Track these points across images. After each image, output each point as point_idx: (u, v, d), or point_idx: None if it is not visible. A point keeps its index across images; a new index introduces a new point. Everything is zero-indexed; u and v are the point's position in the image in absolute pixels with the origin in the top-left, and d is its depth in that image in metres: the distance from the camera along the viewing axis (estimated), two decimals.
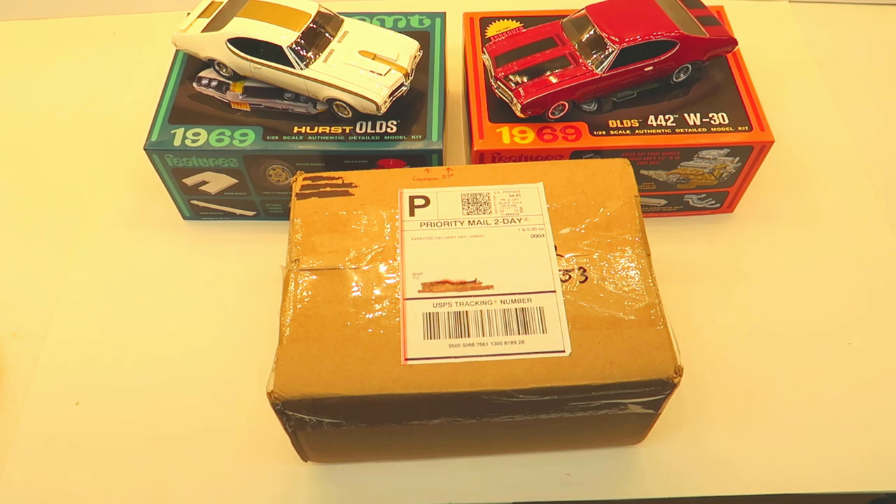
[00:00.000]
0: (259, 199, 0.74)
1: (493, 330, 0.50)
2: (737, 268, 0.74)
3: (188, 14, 0.73)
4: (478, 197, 0.57)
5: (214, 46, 0.70)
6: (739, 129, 0.69)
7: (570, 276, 0.53)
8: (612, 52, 0.67)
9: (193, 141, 0.68)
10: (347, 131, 0.69)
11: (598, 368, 0.49)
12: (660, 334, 0.51)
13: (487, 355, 0.49)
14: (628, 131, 0.69)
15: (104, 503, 0.61)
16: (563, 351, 0.50)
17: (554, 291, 0.52)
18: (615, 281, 0.53)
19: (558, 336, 0.50)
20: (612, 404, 0.52)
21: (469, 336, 0.50)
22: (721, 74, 0.73)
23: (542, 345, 0.50)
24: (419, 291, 0.52)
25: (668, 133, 0.69)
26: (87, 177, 0.81)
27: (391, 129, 0.69)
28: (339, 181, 0.58)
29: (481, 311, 0.51)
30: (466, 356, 0.49)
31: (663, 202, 0.76)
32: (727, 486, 0.61)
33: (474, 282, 0.52)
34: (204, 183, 0.72)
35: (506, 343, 0.50)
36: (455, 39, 0.79)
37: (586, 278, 0.53)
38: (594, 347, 0.50)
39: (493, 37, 0.74)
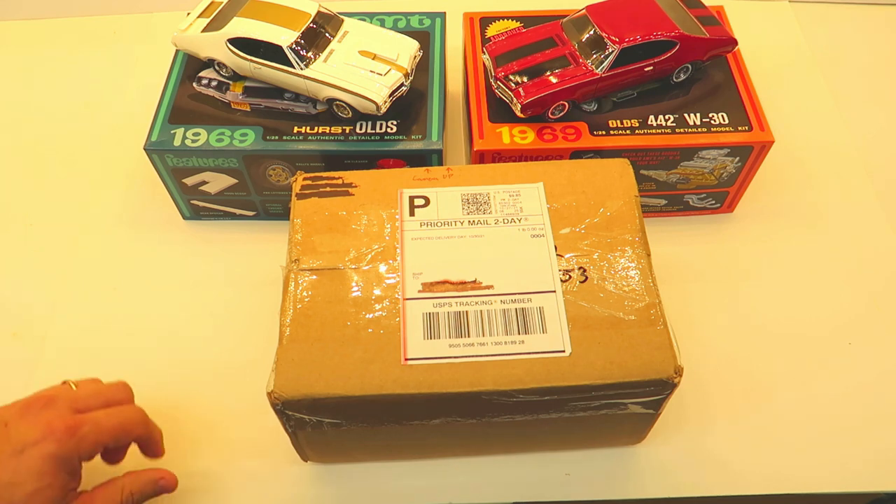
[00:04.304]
0: (259, 199, 0.74)
1: (493, 330, 0.50)
2: (737, 268, 0.74)
3: (188, 14, 0.73)
4: (478, 197, 0.57)
5: (214, 46, 0.70)
6: (739, 129, 0.69)
7: (570, 276, 0.53)
8: (612, 52, 0.67)
9: (193, 141, 0.68)
10: (347, 131, 0.69)
11: (598, 368, 0.49)
12: (660, 334, 0.51)
13: (487, 355, 0.49)
14: (628, 131, 0.69)
15: None
16: (563, 351, 0.50)
17: (554, 291, 0.52)
18: (615, 281, 0.53)
19: (558, 336, 0.50)
20: (612, 404, 0.52)
21: (469, 336, 0.50)
22: (721, 74, 0.73)
23: (542, 345, 0.50)
24: (419, 291, 0.52)
25: (668, 133, 0.69)
26: (87, 177, 0.81)
27: (391, 129, 0.69)
28: (339, 181, 0.58)
29: (481, 311, 0.51)
30: (466, 356, 0.49)
31: (663, 202, 0.76)
32: (727, 486, 0.61)
33: (474, 282, 0.52)
34: (204, 183, 0.72)
35: (506, 343, 0.50)
36: (455, 39, 0.79)
37: (586, 278, 0.53)
38: (594, 347, 0.50)
39: (493, 37, 0.74)
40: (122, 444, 0.55)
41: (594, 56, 0.68)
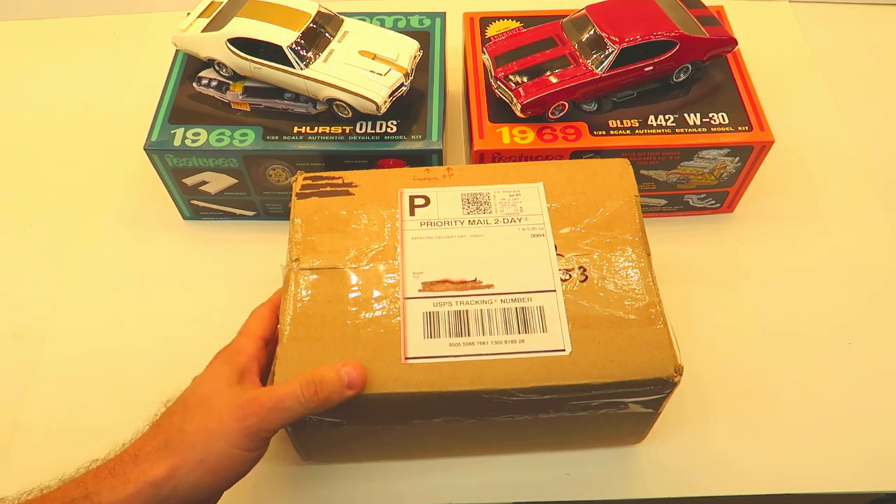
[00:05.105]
0: (259, 199, 0.74)
1: (494, 329, 0.50)
2: (737, 268, 0.74)
3: (188, 14, 0.73)
4: (478, 197, 0.57)
5: (214, 46, 0.70)
6: (739, 129, 0.69)
7: (570, 276, 0.53)
8: (612, 52, 0.67)
9: (193, 141, 0.68)
10: (347, 131, 0.69)
11: (598, 367, 0.49)
12: (660, 333, 0.51)
13: (488, 354, 0.49)
14: (628, 131, 0.69)
15: None
16: (564, 350, 0.50)
17: (554, 291, 0.52)
18: (615, 280, 0.53)
19: (558, 335, 0.50)
20: (612, 403, 0.52)
21: (469, 335, 0.50)
22: (721, 74, 0.73)
23: (543, 344, 0.50)
24: (419, 291, 0.52)
25: (668, 133, 0.69)
26: (87, 177, 0.81)
27: (391, 129, 0.69)
28: (340, 181, 0.58)
29: (481, 311, 0.51)
30: (466, 355, 0.49)
31: (663, 202, 0.76)
32: (727, 485, 0.61)
33: (474, 281, 0.52)
34: (204, 183, 0.72)
35: (506, 342, 0.50)
36: (455, 39, 0.79)
37: (586, 278, 0.53)
38: (594, 346, 0.50)
39: (493, 37, 0.74)
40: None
41: (594, 56, 0.68)
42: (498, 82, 0.69)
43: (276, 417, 0.47)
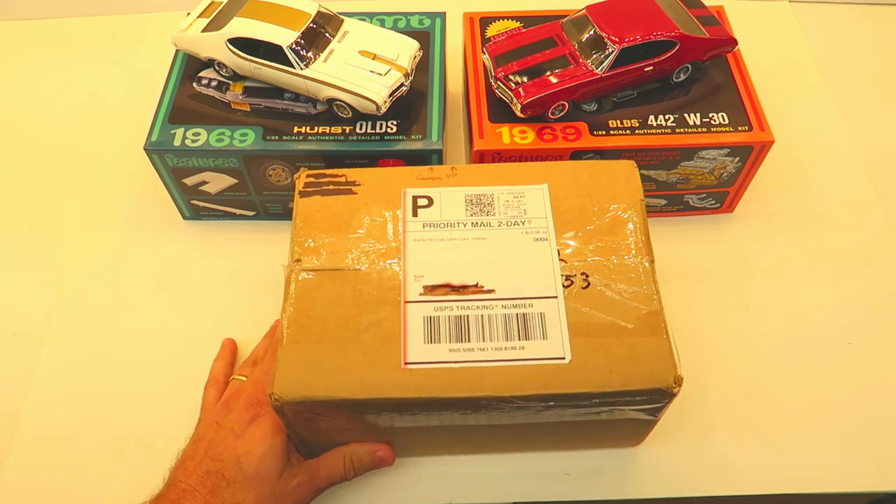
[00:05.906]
0: (259, 199, 0.74)
1: (494, 335, 0.50)
2: (737, 268, 0.74)
3: (188, 14, 0.73)
4: (481, 198, 0.56)
5: (214, 46, 0.70)
6: (739, 129, 0.69)
7: (572, 282, 0.52)
8: (612, 52, 0.67)
9: (193, 141, 0.68)
10: (347, 131, 0.68)
11: (597, 376, 0.49)
12: (660, 343, 0.50)
13: (487, 361, 0.49)
14: (628, 131, 0.69)
15: (104, 503, 0.61)
16: (563, 358, 0.49)
17: (556, 297, 0.51)
18: (617, 287, 0.52)
19: (559, 343, 0.50)
20: (611, 411, 0.52)
21: (469, 341, 0.50)
22: (721, 74, 0.73)
23: (543, 351, 0.49)
24: (420, 294, 0.52)
25: (668, 133, 0.69)
26: (87, 177, 0.81)
27: (391, 129, 0.69)
28: (343, 179, 0.57)
29: (482, 316, 0.51)
30: (466, 361, 0.49)
31: (663, 202, 0.76)
32: (727, 485, 0.62)
33: (476, 285, 0.52)
34: (204, 183, 0.72)
35: (506, 349, 0.49)
36: (455, 39, 0.79)
37: (588, 284, 0.52)
38: (594, 355, 0.49)
39: (493, 37, 0.73)
40: None
41: (594, 56, 0.68)
42: (498, 82, 0.69)
43: (322, 490, 0.57)
